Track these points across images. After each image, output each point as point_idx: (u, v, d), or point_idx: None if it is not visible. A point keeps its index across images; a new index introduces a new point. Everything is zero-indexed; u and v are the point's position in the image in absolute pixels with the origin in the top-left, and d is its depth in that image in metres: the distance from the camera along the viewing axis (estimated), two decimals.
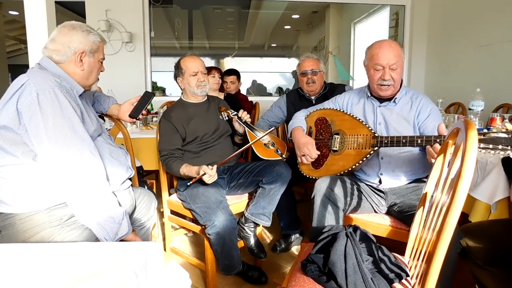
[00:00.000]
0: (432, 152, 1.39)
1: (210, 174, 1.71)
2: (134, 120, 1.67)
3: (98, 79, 1.46)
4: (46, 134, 1.12)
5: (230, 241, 1.72)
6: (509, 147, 1.10)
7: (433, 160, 1.37)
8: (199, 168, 1.75)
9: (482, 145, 1.13)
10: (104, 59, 1.44)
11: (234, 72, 3.35)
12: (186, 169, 1.81)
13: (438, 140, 1.38)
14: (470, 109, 2.34)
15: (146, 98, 1.66)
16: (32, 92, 1.13)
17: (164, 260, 0.84)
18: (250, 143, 1.92)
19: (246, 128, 2.06)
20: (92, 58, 1.35)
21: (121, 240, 1.25)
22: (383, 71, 1.63)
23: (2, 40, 7.11)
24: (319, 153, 1.79)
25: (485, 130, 1.17)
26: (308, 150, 1.79)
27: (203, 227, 1.75)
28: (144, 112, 1.66)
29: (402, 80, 1.73)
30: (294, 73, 7.03)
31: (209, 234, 1.70)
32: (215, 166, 1.74)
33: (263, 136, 2.02)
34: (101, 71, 1.45)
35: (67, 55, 1.28)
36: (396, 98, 1.70)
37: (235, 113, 2.05)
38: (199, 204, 1.76)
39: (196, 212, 1.77)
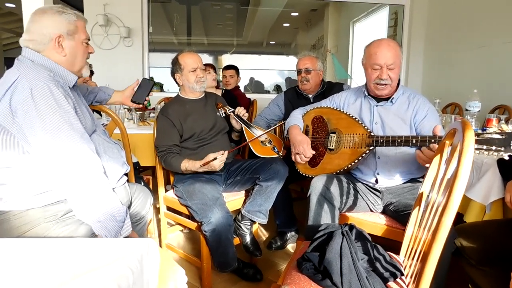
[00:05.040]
0: (422, 155, 1.36)
1: (221, 159, 1.70)
2: (139, 105, 1.67)
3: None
4: (43, 130, 1.08)
5: (226, 239, 1.72)
6: (502, 148, 1.11)
7: (427, 165, 1.36)
8: (205, 158, 1.74)
9: (476, 146, 1.14)
10: (88, 39, 1.32)
11: (232, 67, 3.37)
12: (189, 164, 1.80)
13: (433, 140, 1.38)
14: (467, 110, 2.35)
15: (146, 84, 1.68)
16: (25, 88, 1.07)
17: (160, 257, 0.84)
18: (248, 140, 1.92)
19: (243, 125, 2.05)
20: (73, 41, 1.24)
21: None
22: (380, 71, 1.62)
23: None
24: (314, 152, 1.80)
25: (479, 131, 1.17)
26: (303, 148, 1.79)
27: (199, 223, 1.75)
28: (146, 98, 1.68)
29: (399, 80, 1.73)
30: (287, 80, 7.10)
31: (205, 231, 1.70)
32: (226, 152, 1.74)
33: (262, 135, 2.02)
34: (90, 52, 1.34)
35: (43, 43, 1.19)
36: (393, 98, 1.70)
37: (232, 109, 2.05)
38: (195, 201, 1.76)
39: (192, 208, 1.77)
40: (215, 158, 1.70)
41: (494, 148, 1.12)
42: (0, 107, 1.09)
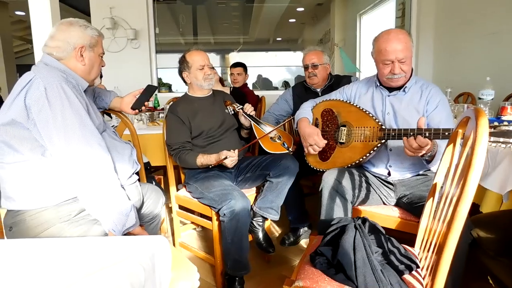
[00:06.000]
0: (407, 143, 1.41)
1: (232, 156, 1.73)
2: (137, 111, 1.67)
3: (101, 76, 1.46)
4: (55, 127, 1.13)
5: (244, 225, 1.69)
6: None
7: (409, 153, 1.41)
8: (218, 154, 1.76)
9: (492, 139, 1.11)
10: (104, 53, 1.45)
11: (240, 64, 3.36)
12: (204, 158, 1.82)
13: (446, 133, 1.35)
14: (480, 98, 2.30)
15: (149, 90, 1.67)
16: (40, 87, 1.14)
17: (172, 254, 0.84)
18: (258, 138, 1.91)
19: (252, 122, 2.05)
20: (92, 53, 1.36)
21: (129, 234, 1.26)
22: (392, 65, 1.58)
23: (10, 40, 7.18)
24: (326, 142, 1.78)
25: (496, 123, 1.13)
26: (314, 140, 1.77)
27: (218, 211, 1.71)
28: (146, 103, 1.66)
29: (412, 69, 1.68)
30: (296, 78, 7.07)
31: (224, 215, 1.67)
32: (236, 150, 1.76)
33: (272, 131, 2.01)
34: (102, 66, 1.47)
35: (67, 51, 1.30)
36: (406, 87, 1.66)
37: (241, 106, 2.04)
38: (213, 189, 1.76)
39: (211, 198, 1.74)
40: (226, 157, 1.72)
41: (511, 140, 1.09)
42: (15, 104, 1.16)
